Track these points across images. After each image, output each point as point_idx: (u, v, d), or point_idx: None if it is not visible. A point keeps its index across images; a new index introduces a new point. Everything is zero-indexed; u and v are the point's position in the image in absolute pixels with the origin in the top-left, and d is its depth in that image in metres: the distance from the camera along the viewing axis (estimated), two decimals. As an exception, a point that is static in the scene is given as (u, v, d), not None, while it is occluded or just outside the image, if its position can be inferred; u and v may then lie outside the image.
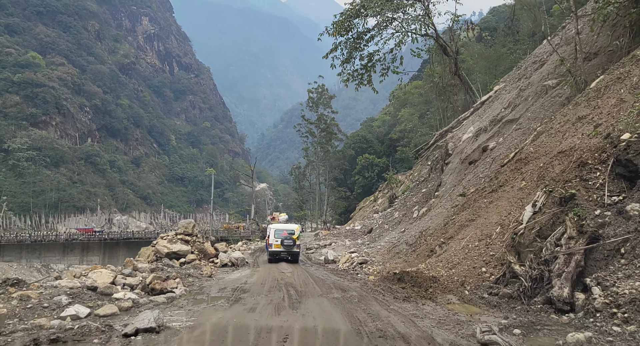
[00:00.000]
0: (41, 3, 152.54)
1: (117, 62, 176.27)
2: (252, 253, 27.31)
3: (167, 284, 12.80)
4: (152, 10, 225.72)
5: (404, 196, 27.68)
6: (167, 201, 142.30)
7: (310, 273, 17.04)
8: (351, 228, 30.71)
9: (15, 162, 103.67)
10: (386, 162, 74.95)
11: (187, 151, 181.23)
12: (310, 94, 64.15)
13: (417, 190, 26.24)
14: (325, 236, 31.09)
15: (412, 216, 21.67)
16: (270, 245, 22.48)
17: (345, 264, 18.87)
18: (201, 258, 20.99)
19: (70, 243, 56.53)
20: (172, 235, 21.82)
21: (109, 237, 58.84)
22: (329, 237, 30.19)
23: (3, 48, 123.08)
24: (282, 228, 22.90)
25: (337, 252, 22.42)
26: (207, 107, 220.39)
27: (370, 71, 27.13)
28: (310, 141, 65.88)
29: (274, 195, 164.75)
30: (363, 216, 35.18)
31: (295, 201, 70.99)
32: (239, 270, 18.64)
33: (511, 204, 12.46)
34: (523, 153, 13.28)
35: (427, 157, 31.73)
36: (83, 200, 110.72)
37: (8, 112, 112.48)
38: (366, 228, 27.38)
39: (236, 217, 61.76)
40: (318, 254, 24.53)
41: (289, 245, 21.85)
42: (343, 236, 28.84)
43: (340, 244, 25.49)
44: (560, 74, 15.14)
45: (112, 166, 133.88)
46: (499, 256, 11.37)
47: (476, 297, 10.69)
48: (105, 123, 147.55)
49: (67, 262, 54.89)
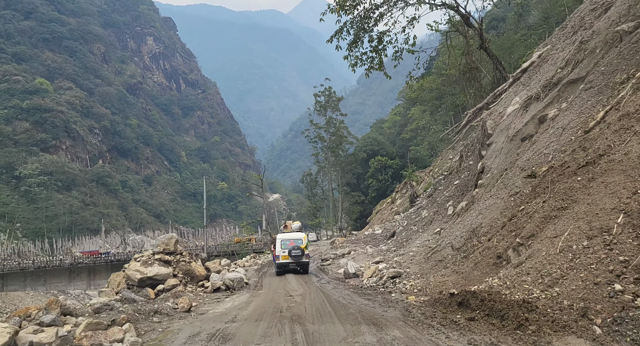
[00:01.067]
0: (47, 30, 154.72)
1: (124, 83, 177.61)
2: (258, 269, 24.54)
3: (107, 335, 8.19)
4: (156, 30, 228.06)
5: (429, 192, 25.05)
6: (181, 218, 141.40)
7: (327, 294, 13.30)
8: (371, 233, 27.57)
9: (27, 189, 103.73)
10: (400, 164, 72.59)
11: (198, 166, 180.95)
12: (317, 97, 62.29)
13: (446, 184, 22.79)
14: (343, 243, 28.35)
15: (447, 213, 18.36)
16: (277, 257, 21.01)
17: (372, 280, 15.00)
18: (187, 282, 17.00)
19: (76, 268, 54.28)
20: (148, 255, 17.58)
21: (116, 258, 56.48)
22: (347, 244, 27.45)
23: (11, 76, 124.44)
24: (289, 238, 21.37)
25: (358, 263, 18.96)
26: (216, 121, 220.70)
27: (381, 54, 24.36)
28: (320, 146, 63.86)
29: (287, 205, 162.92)
30: (382, 220, 32.79)
31: (308, 209, 68.97)
32: (234, 296, 15.01)
33: (634, 179, 8.32)
34: (624, 109, 9.72)
35: (453, 147, 29.03)
36: (96, 222, 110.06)
37: (18, 138, 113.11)
38: (388, 232, 24.56)
39: (248, 229, 59.62)
40: (336, 266, 21.33)
41: (298, 255, 20.33)
42: (362, 242, 25.93)
43: (361, 252, 22.64)
44: (639, 14, 12.14)
45: (123, 186, 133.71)
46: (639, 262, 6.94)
47: (624, 341, 6.11)
48: (115, 144, 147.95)
49: (74, 287, 53.14)
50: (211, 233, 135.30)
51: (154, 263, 17.01)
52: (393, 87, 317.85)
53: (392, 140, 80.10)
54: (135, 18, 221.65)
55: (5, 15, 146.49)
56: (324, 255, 24.80)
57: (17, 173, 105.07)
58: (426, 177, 30.37)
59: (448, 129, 19.38)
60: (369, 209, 73.84)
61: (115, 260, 54.77)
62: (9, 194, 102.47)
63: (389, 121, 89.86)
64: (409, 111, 74.40)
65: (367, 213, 75.12)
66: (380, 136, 79.99)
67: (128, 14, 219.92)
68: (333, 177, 65.45)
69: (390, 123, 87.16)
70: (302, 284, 16.40)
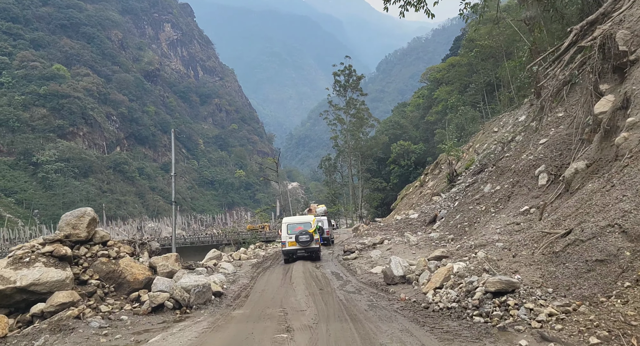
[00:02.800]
0: (64, 16, 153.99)
1: (142, 70, 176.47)
2: (258, 263, 19.08)
3: None
4: (174, 16, 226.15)
5: (475, 169, 20.95)
6: (198, 206, 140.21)
7: (366, 331, 7.23)
8: (404, 218, 22.90)
9: (44, 175, 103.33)
10: (423, 148, 68.53)
11: (215, 154, 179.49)
12: (336, 77, 58.56)
13: (520, 147, 17.32)
14: (369, 230, 24.28)
15: (537, 183, 13.60)
16: (284, 243, 18.99)
17: (447, 294, 8.47)
18: (106, 293, 10.39)
19: None
20: (34, 247, 10.13)
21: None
22: (375, 231, 22.82)
23: (28, 62, 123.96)
24: (296, 222, 19.41)
25: (402, 257, 13.09)
26: (234, 109, 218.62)
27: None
28: (339, 128, 60.22)
29: (306, 193, 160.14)
30: (411, 204, 29.21)
31: (327, 196, 65.79)
32: (181, 324, 8.75)
33: None
34: None
35: (524, 95, 24.37)
36: (113, 209, 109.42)
37: (36, 125, 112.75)
38: (427, 216, 20.37)
39: (263, 216, 56.64)
40: (366, 261, 15.72)
41: (306, 241, 18.21)
42: (395, 229, 21.38)
43: (399, 241, 18.08)
44: None
45: (140, 173, 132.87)
46: None
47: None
48: (132, 131, 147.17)
49: None
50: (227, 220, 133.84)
51: (36, 260, 9.61)
52: (413, 73, 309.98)
53: (416, 124, 75.94)
54: (152, 4, 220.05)
55: (24, 1, 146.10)
56: (347, 245, 20.58)
57: (34, 159, 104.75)
58: (465, 154, 26.52)
59: (534, 62, 13.94)
60: (391, 196, 70.18)
61: None
62: (26, 181, 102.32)
63: (411, 104, 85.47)
64: (434, 92, 69.98)
65: (388, 201, 71.48)
66: (403, 119, 75.87)
67: (146, 1, 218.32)
68: (353, 162, 61.86)
69: (413, 106, 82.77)
70: (315, 295, 10.74)
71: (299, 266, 16.39)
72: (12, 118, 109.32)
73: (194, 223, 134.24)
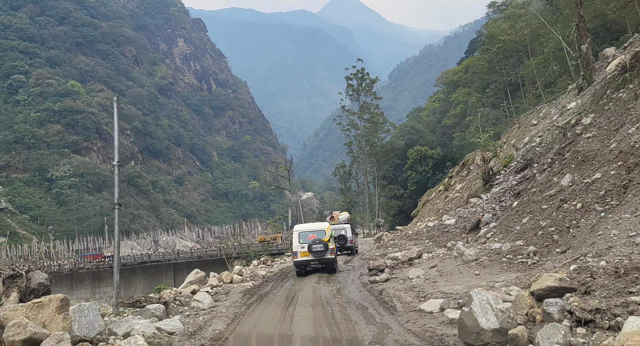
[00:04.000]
0: (80, 34, 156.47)
1: (156, 84, 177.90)
2: (254, 287, 14.79)
3: None
4: (187, 31, 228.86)
5: (518, 166, 18.12)
6: (212, 218, 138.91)
7: None
8: (437, 225, 19.15)
9: (59, 190, 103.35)
10: (441, 153, 65.86)
11: (229, 166, 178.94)
12: (349, 81, 56.53)
13: (611, 122, 13.03)
14: (395, 240, 20.57)
15: None
16: (295, 254, 17.02)
17: None
18: None
19: (78, 274, 48.01)
20: None
21: (121, 262, 50.10)
22: (403, 242, 19.07)
23: (44, 79, 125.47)
24: (309, 230, 17.38)
25: (462, 280, 9.99)
26: (247, 120, 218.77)
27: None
28: (353, 134, 57.99)
29: (320, 203, 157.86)
30: (436, 210, 26.47)
31: (342, 205, 63.46)
32: None
33: None
34: None
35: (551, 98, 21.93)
36: (127, 223, 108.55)
37: (50, 141, 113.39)
38: (467, 221, 16.99)
39: (276, 227, 54.17)
40: (404, 287, 11.03)
41: (320, 251, 16.21)
42: (427, 238, 18.03)
43: (444, 255, 13.95)
44: None
45: (154, 187, 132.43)
46: None
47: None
48: (146, 145, 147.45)
49: (77, 296, 48.63)
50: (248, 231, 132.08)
51: None
52: (426, 81, 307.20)
53: (432, 128, 73.40)
54: (166, 20, 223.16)
55: (41, 21, 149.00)
56: (372, 261, 15.99)
57: (49, 175, 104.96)
58: (498, 151, 23.86)
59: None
60: (409, 204, 67.49)
61: (122, 265, 48.94)
62: (41, 197, 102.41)
63: (427, 109, 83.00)
64: (451, 95, 67.46)
65: (406, 208, 68.78)
66: (419, 124, 73.38)
67: (159, 17, 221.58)
68: (368, 169, 59.46)
69: (429, 111, 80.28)
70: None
71: (308, 294, 12.40)
72: (27, 135, 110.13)
73: (209, 235, 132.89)
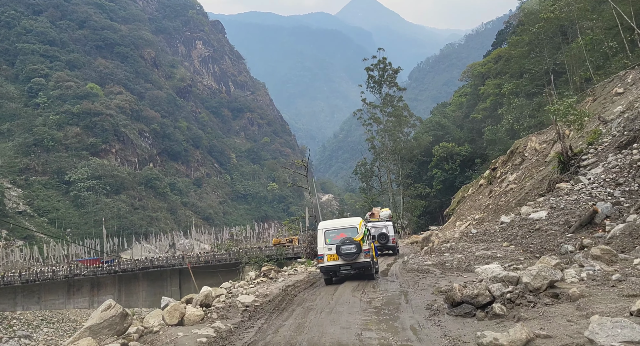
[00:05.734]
0: (99, 38, 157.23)
1: (174, 87, 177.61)
2: (219, 338, 7.42)
3: None
4: (206, 34, 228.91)
5: (621, 139, 14.06)
6: (230, 220, 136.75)
7: None
8: (517, 220, 14.13)
9: (76, 193, 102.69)
10: (469, 150, 61.45)
11: (248, 167, 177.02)
12: (369, 72, 52.76)
13: None
14: (452, 244, 15.35)
15: None
16: (321, 257, 13.44)
17: None
18: None
19: (75, 281, 44.16)
20: None
21: (122, 268, 45.17)
22: (466, 244, 14.58)
23: (63, 82, 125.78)
24: (336, 228, 13.60)
25: None
26: (265, 122, 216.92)
27: None
28: (375, 129, 54.16)
29: (340, 204, 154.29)
30: (478, 206, 22.67)
31: (363, 206, 59.75)
32: None
33: None
34: None
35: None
36: (145, 226, 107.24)
37: (69, 143, 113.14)
38: (569, 214, 12.10)
39: (292, 228, 50.64)
40: None
41: (351, 253, 12.58)
42: (503, 239, 13.18)
43: (605, 274, 7.14)
44: None
45: (172, 189, 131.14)
46: None
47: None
48: (165, 147, 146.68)
49: (74, 304, 45.38)
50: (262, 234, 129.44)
51: None
52: (447, 80, 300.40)
53: (459, 124, 69.02)
54: (184, 23, 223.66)
55: (62, 25, 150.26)
56: (431, 276, 11.48)
57: (67, 178, 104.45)
58: (568, 131, 19.72)
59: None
60: (434, 204, 63.25)
61: (121, 270, 44.67)
62: (59, 199, 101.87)
63: (453, 104, 78.58)
64: (480, 87, 63.02)
65: (431, 209, 64.51)
66: (444, 119, 69.09)
67: (178, 20, 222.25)
68: (392, 166, 55.55)
69: (455, 106, 75.87)
70: None
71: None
72: (46, 138, 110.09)
73: (227, 236, 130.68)
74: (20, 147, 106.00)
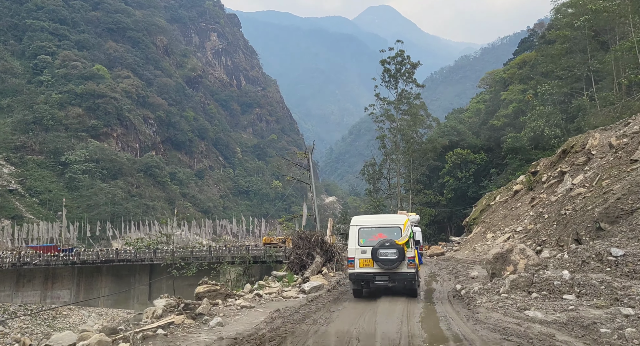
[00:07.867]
0: (112, 20, 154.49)
1: (184, 76, 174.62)
2: None
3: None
4: (221, 26, 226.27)
5: None
6: (230, 215, 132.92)
7: None
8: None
9: (72, 175, 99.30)
10: (486, 158, 57.32)
11: (252, 163, 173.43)
12: (385, 64, 48.72)
13: None
14: (564, 273, 8.66)
15: None
16: (351, 262, 10.75)
17: None
18: None
19: (26, 270, 38.50)
20: None
21: (81, 259, 39.35)
22: (607, 277, 8.47)
23: (70, 62, 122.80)
24: (375, 225, 10.88)
25: None
26: (274, 119, 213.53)
27: None
28: (387, 127, 50.03)
29: (344, 207, 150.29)
30: (516, 216, 18.64)
31: (367, 210, 55.65)
32: None
33: None
34: None
35: None
36: (140, 214, 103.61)
37: (69, 123, 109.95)
38: None
39: (288, 227, 46.51)
40: None
41: (391, 260, 9.85)
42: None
43: None
44: None
45: (172, 179, 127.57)
46: None
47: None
48: (169, 135, 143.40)
49: (23, 299, 38.82)
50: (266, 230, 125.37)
51: None
52: (460, 92, 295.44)
53: (475, 131, 64.87)
54: (200, 14, 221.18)
55: (75, 5, 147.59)
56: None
57: (63, 159, 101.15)
58: (613, 138, 16.02)
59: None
60: (443, 213, 59.05)
61: (80, 262, 38.88)
62: (53, 181, 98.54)
63: (469, 110, 74.41)
64: (501, 93, 58.85)
65: (440, 218, 60.28)
66: (460, 124, 64.95)
67: (194, 10, 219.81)
68: (402, 169, 51.48)
69: (472, 112, 71.75)
70: None
71: None
72: (46, 116, 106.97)
73: (225, 233, 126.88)
74: (19, 124, 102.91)
